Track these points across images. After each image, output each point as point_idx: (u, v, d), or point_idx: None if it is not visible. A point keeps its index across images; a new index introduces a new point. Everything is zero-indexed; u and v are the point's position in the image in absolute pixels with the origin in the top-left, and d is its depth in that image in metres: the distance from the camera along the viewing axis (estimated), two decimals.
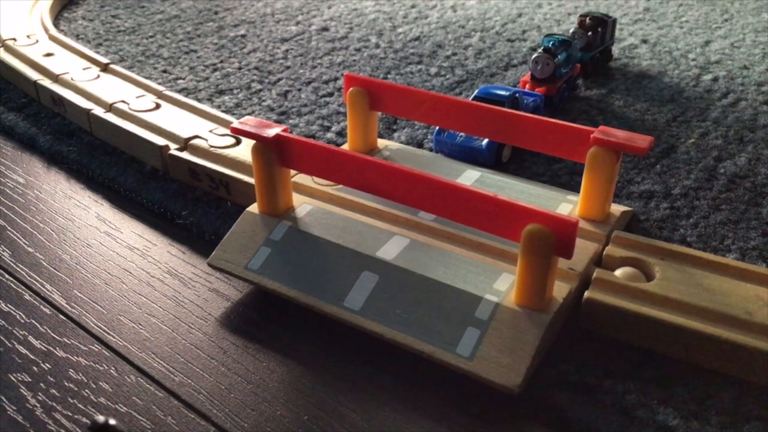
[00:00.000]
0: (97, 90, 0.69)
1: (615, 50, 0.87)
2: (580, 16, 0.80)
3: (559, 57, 0.70)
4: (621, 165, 0.58)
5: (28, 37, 0.84)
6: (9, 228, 0.54)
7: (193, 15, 1.01)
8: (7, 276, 0.49)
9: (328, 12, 1.03)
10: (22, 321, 0.45)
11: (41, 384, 0.40)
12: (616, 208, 0.50)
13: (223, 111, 0.69)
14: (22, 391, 0.40)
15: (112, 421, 0.30)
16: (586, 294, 0.42)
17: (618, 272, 0.44)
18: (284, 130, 0.45)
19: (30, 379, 0.40)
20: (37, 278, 0.49)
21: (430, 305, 0.41)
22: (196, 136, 0.60)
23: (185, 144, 0.59)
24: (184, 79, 0.78)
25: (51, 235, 0.54)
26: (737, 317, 0.40)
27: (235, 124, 0.46)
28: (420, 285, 0.41)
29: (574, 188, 0.54)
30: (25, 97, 0.74)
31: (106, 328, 0.44)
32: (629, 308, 0.40)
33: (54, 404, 0.39)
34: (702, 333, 0.39)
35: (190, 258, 0.51)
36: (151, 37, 0.92)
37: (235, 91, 0.75)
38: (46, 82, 0.71)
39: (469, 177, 0.53)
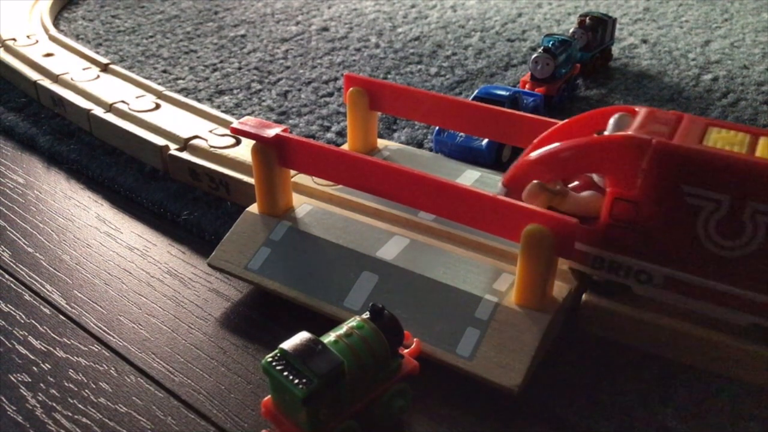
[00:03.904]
0: (97, 90, 0.69)
1: (615, 50, 0.87)
2: (580, 16, 0.80)
3: (559, 57, 0.70)
4: None
5: (28, 37, 0.84)
6: (9, 228, 0.54)
7: (193, 15, 1.01)
8: (7, 276, 0.49)
9: (328, 12, 1.03)
10: (22, 321, 0.45)
11: (41, 384, 0.40)
12: None
13: (223, 111, 0.69)
14: (22, 391, 0.40)
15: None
16: (584, 297, 0.42)
17: None
18: (284, 130, 0.45)
19: (30, 379, 0.40)
20: (37, 278, 0.49)
21: (430, 305, 0.41)
22: (196, 136, 0.60)
23: (185, 144, 0.59)
24: (184, 79, 0.78)
25: (51, 235, 0.54)
26: None
27: (235, 124, 0.46)
28: (420, 285, 0.41)
29: None
30: (25, 97, 0.74)
31: (106, 328, 0.44)
32: (627, 312, 0.40)
33: (54, 404, 0.39)
34: (700, 336, 0.39)
35: (190, 258, 0.51)
36: (151, 37, 0.92)
37: (235, 91, 0.75)
38: (46, 82, 0.71)
39: (469, 177, 0.53)
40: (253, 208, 0.48)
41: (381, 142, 0.58)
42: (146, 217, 0.56)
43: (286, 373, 0.32)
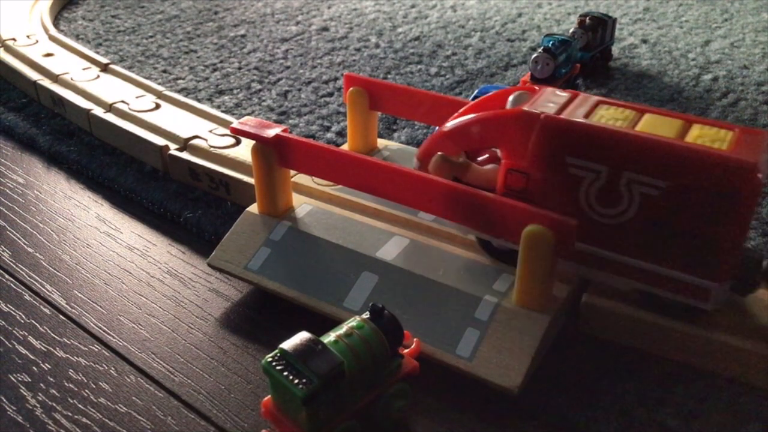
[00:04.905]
0: (97, 90, 0.69)
1: (615, 50, 0.87)
2: (580, 16, 0.80)
3: (559, 57, 0.70)
4: None
5: (28, 37, 0.84)
6: (9, 228, 0.54)
7: (193, 15, 1.01)
8: (7, 276, 0.49)
9: (328, 12, 1.03)
10: (22, 321, 0.45)
11: (41, 384, 0.40)
12: None
13: (223, 111, 0.69)
14: (22, 391, 0.40)
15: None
16: (584, 298, 0.42)
17: None
18: (284, 131, 0.45)
19: (30, 379, 0.40)
20: (37, 278, 0.49)
21: (429, 305, 0.41)
22: (196, 136, 0.60)
23: (185, 144, 0.59)
24: (184, 79, 0.78)
25: (51, 235, 0.54)
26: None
27: (235, 124, 0.46)
28: (420, 285, 0.41)
29: None
30: (25, 97, 0.74)
31: (106, 328, 0.44)
32: (627, 312, 0.40)
33: (54, 404, 0.39)
34: (700, 336, 0.39)
35: (190, 258, 0.51)
36: (151, 37, 0.92)
37: (235, 91, 0.75)
38: (46, 82, 0.71)
39: None
40: (253, 208, 0.48)
41: (381, 142, 0.58)
42: (146, 217, 0.56)
43: (286, 373, 0.32)
